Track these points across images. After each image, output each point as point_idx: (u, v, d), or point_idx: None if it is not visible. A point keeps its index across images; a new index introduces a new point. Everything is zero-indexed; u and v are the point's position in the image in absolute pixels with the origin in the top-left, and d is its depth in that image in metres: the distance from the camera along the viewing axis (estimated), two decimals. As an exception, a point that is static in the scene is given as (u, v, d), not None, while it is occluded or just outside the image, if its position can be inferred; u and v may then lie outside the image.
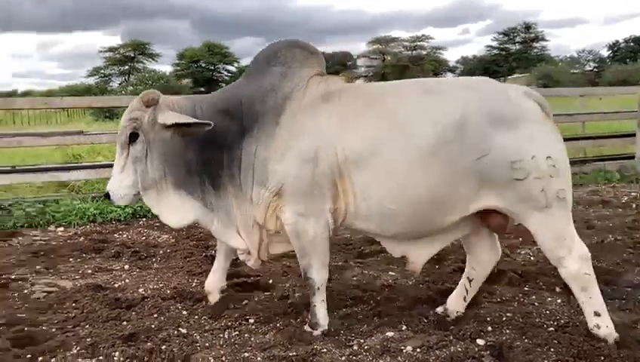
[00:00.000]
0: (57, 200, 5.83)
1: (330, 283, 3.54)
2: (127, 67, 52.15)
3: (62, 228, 5.38)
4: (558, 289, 3.35)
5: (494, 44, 62.79)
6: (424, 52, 61.76)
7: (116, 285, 3.67)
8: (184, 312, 3.15)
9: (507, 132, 2.51)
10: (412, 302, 3.19)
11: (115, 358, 2.56)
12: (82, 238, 4.96)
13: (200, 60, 54.02)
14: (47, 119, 27.81)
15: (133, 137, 2.71)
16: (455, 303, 2.99)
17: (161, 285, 3.65)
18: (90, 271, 4.00)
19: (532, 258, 4.09)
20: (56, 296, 3.46)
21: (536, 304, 3.17)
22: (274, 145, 2.63)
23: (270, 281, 3.68)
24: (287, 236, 2.74)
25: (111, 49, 52.27)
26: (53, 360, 2.57)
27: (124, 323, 3.01)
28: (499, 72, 53.06)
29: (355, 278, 3.73)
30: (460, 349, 2.54)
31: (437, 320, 2.94)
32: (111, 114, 26.02)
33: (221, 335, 2.82)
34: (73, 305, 3.27)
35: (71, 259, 4.31)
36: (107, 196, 2.78)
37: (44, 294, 3.51)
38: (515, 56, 59.32)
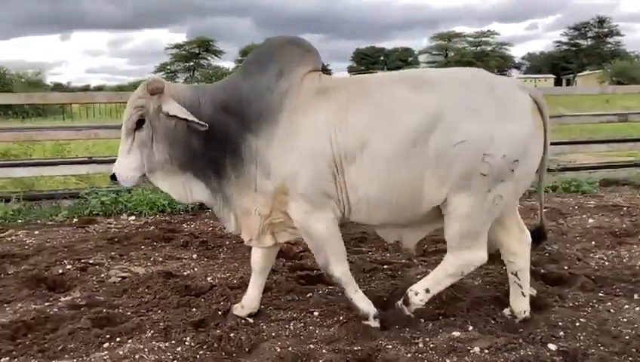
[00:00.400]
0: (129, 190, 6.11)
1: (394, 281, 3.55)
2: (192, 63, 53.83)
3: (133, 217, 5.64)
4: (636, 297, 3.18)
5: (564, 39, 60.42)
6: (489, 48, 60.12)
7: (185, 273, 3.81)
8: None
9: (485, 126, 2.53)
10: (478, 303, 3.13)
11: (187, 343, 2.67)
12: (153, 227, 5.18)
13: (262, 57, 54.86)
14: (118, 113, 29.11)
15: (139, 123, 2.77)
16: (517, 302, 2.92)
17: (227, 274, 3.76)
18: (160, 259, 4.17)
19: (606, 263, 3.90)
20: (130, 281, 3.64)
21: (611, 311, 3.02)
22: (273, 144, 2.69)
23: (333, 276, 3.70)
24: (290, 224, 2.80)
25: (177, 46, 54.20)
26: (129, 341, 2.70)
27: (194, 309, 3.12)
28: (568, 69, 50.86)
29: (418, 276, 3.67)
30: (530, 353, 2.48)
31: (505, 322, 2.87)
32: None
33: (287, 326, 2.87)
34: (146, 290, 3.43)
35: (142, 247, 4.50)
36: (113, 178, 2.84)
37: (119, 279, 3.70)
38: (587, 52, 56.53)
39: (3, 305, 3.25)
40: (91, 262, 4.05)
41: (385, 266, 3.83)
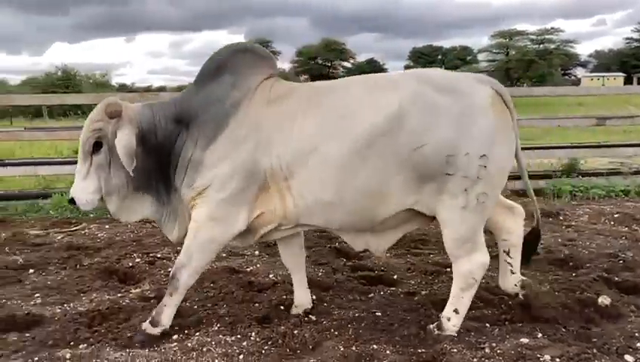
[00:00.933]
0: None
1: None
2: (249, 64, 54.78)
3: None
4: None
5: (635, 35, 57.06)
6: (552, 46, 57.84)
7: (248, 269, 3.89)
8: (314, 298, 3.24)
9: (447, 124, 2.49)
10: (547, 309, 3.01)
11: (252, 338, 2.72)
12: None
13: (317, 57, 55.31)
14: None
15: (96, 146, 2.73)
16: (506, 281, 2.98)
17: (289, 272, 3.80)
18: (224, 255, 4.27)
19: (687, 272, 3.67)
20: (202, 274, 3.74)
21: (696, 323, 2.85)
22: (211, 151, 2.66)
23: (395, 277, 3.68)
24: (250, 227, 2.74)
25: (236, 47, 55.23)
26: (197, 334, 2.79)
27: (257, 305, 3.18)
28: (638, 67, 48.10)
29: (484, 281, 3.59)
30: (605, 364, 2.37)
31: (576, 330, 2.76)
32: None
33: (349, 326, 2.87)
34: (211, 285, 3.53)
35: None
36: (72, 201, 2.79)
37: (187, 273, 3.81)
38: (660, 49, 53.41)
39: (80, 295, 3.43)
40: (159, 256, 4.21)
41: (448, 269, 3.77)
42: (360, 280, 3.58)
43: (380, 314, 3.02)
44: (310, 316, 3.00)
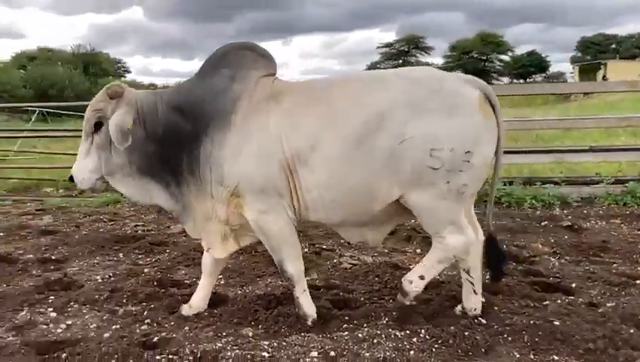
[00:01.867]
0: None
1: None
2: (400, 61, 54.60)
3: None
4: None
5: None
6: None
7: (411, 266, 3.87)
8: (482, 300, 3.14)
9: (431, 121, 2.56)
10: None
11: (422, 335, 2.71)
12: (375, 219, 5.39)
13: (472, 51, 53.17)
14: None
15: (97, 126, 2.81)
16: (468, 299, 2.95)
17: (454, 272, 3.71)
18: (386, 251, 4.33)
19: None
20: (360, 268, 3.86)
21: None
22: (226, 147, 2.71)
23: (573, 285, 3.40)
24: (251, 229, 2.83)
25: (387, 45, 55.47)
26: (366, 325, 2.86)
27: (424, 303, 3.15)
28: None
29: None
30: None
31: None
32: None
33: (523, 332, 2.71)
34: (376, 278, 3.59)
35: (368, 237, 4.72)
36: (71, 179, 2.89)
37: (350, 265, 3.95)
38: None
39: (256, 279, 3.73)
40: (324, 247, 4.40)
41: (638, 281, 3.39)
42: (533, 286, 3.37)
43: (557, 323, 2.81)
44: (480, 319, 2.90)
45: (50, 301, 3.34)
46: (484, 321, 2.88)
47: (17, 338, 2.79)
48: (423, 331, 2.74)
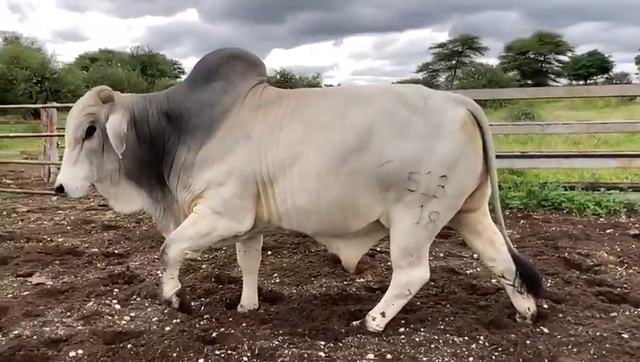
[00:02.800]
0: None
1: None
2: (453, 62, 53.58)
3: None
4: None
5: None
6: None
7: (468, 271, 3.82)
8: (545, 307, 3.04)
9: (414, 142, 2.53)
10: None
11: (481, 341, 2.65)
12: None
13: (529, 51, 51.50)
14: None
15: (90, 131, 2.73)
16: (518, 302, 2.88)
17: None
18: (441, 255, 4.26)
19: None
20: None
21: None
22: (204, 154, 2.70)
23: (643, 296, 3.24)
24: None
25: (440, 45, 54.51)
26: (423, 329, 2.82)
27: (482, 309, 3.10)
28: None
29: None
30: None
31: None
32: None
33: (589, 344, 2.61)
34: (432, 283, 3.53)
35: (423, 241, 4.66)
36: (59, 189, 2.72)
37: (405, 269, 3.90)
38: None
39: (311, 278, 3.75)
40: (378, 249, 4.37)
41: None
42: (598, 297, 3.23)
43: (626, 336, 2.68)
44: (542, 328, 2.81)
45: (114, 293, 3.48)
46: (546, 330, 2.79)
47: (86, 327, 2.92)
48: (482, 338, 2.68)
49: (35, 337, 2.78)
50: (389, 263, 4.04)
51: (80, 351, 2.55)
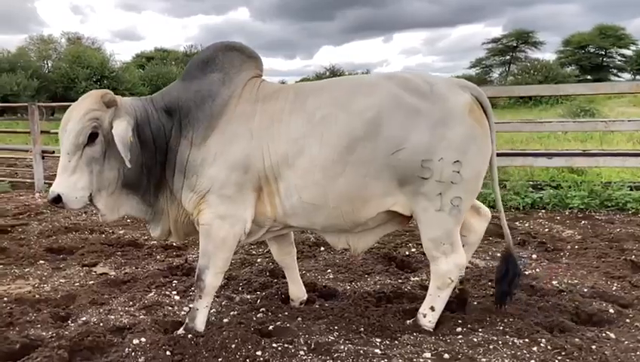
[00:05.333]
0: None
1: None
2: (507, 57, 52.08)
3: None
4: None
5: None
6: None
7: (527, 272, 3.70)
8: (611, 312, 2.92)
9: (424, 128, 2.50)
10: None
11: (542, 344, 2.57)
12: (485, 222, 5.20)
13: (588, 45, 49.34)
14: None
15: (92, 137, 2.52)
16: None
17: (575, 281, 3.50)
18: (498, 255, 4.15)
19: None
20: (472, 271, 3.74)
21: None
22: (206, 150, 2.61)
23: None
24: None
25: (494, 40, 53.08)
26: (480, 329, 2.76)
27: (543, 311, 3.00)
28: None
29: None
30: None
31: None
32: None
33: (662, 353, 2.50)
34: (489, 283, 3.47)
35: (479, 240, 4.56)
36: (56, 200, 2.48)
37: (461, 268, 3.83)
38: None
39: (365, 276, 3.75)
40: (433, 248, 4.30)
41: None
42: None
43: (702, 345, 2.54)
44: (608, 333, 2.70)
45: (173, 284, 3.58)
46: (612, 335, 2.68)
47: (147, 316, 3.02)
48: (543, 341, 2.60)
49: (101, 324, 2.91)
50: (444, 262, 3.98)
51: (143, 339, 2.65)
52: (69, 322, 3.00)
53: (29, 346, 2.64)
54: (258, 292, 3.43)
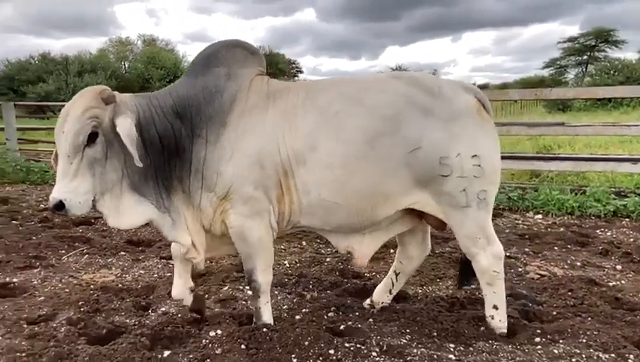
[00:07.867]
0: (536, 188, 6.04)
1: None
2: (585, 57, 49.57)
3: (540, 216, 5.56)
4: None
5: None
6: None
7: (611, 284, 3.52)
8: None
9: (438, 126, 2.50)
10: None
11: (630, 360, 2.43)
12: (562, 229, 4.99)
13: (676, 44, 46.01)
14: (501, 110, 29.28)
15: (92, 137, 2.35)
16: (380, 296, 3.14)
17: (665, 295, 3.28)
18: (578, 264, 3.97)
19: None
20: (550, 280, 3.59)
21: None
22: (222, 147, 2.54)
23: None
24: (230, 239, 2.67)
25: (570, 39, 50.67)
26: (562, 341, 2.64)
27: (630, 325, 2.83)
28: None
29: None
30: None
31: None
32: (564, 106, 25.39)
33: None
34: (569, 293, 3.31)
35: (555, 248, 4.38)
36: (58, 207, 2.30)
37: (538, 276, 3.69)
38: None
39: (436, 280, 3.68)
40: (507, 254, 4.16)
41: None
42: None
43: None
44: None
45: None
46: None
47: (222, 309, 3.11)
48: (632, 356, 2.45)
49: (179, 315, 3.03)
50: (520, 270, 3.86)
51: (219, 331, 2.73)
52: (150, 311, 3.15)
53: (115, 332, 2.79)
54: (328, 291, 3.45)
